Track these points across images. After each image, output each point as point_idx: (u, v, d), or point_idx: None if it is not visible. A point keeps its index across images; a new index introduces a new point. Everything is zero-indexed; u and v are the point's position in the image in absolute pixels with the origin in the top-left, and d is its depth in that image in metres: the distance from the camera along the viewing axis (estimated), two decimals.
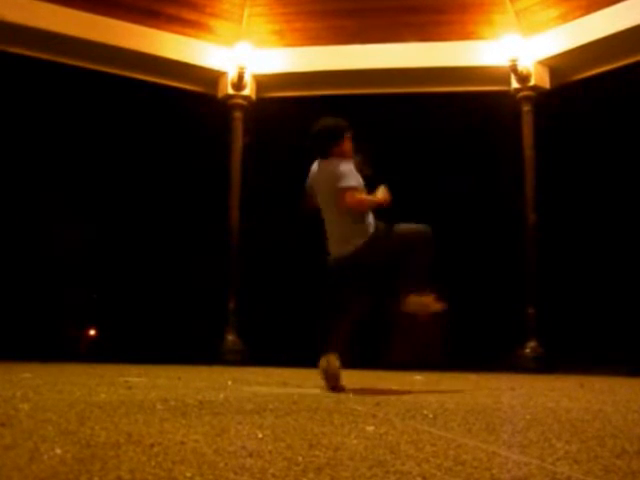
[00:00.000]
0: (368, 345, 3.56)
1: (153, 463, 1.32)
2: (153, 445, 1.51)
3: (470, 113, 8.29)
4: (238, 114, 8.26)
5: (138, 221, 9.46)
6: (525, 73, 7.80)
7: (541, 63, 7.88)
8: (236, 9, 8.11)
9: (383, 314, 3.75)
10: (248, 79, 8.19)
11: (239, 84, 8.15)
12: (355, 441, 1.66)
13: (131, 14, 7.72)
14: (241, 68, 8.02)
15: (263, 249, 8.58)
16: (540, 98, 7.92)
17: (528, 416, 2.30)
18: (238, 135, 8.21)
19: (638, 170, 7.60)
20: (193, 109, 8.60)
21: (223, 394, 3.07)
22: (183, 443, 1.56)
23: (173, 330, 8.75)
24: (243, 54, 8.01)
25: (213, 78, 8.34)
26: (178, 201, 9.25)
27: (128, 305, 9.36)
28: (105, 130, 9.25)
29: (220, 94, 8.34)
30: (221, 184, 8.13)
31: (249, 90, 8.26)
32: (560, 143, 8.05)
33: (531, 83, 7.84)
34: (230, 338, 7.74)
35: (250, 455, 1.44)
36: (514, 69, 7.76)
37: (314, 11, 8.13)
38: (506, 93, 8.00)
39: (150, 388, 3.37)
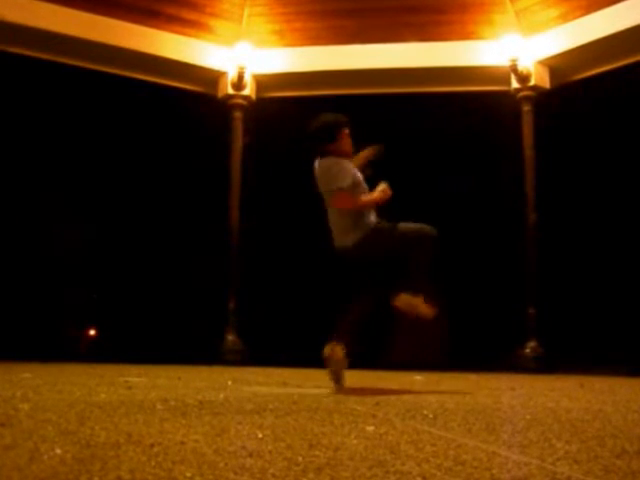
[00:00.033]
0: (368, 345, 3.54)
1: (153, 463, 1.32)
2: (153, 445, 1.51)
3: (470, 113, 8.28)
4: (238, 114, 8.26)
5: (138, 221, 9.45)
6: (525, 73, 7.80)
7: (541, 63, 7.88)
8: (236, 9, 8.12)
9: (383, 314, 3.72)
10: (248, 79, 8.20)
11: (239, 84, 8.15)
12: (355, 441, 1.66)
13: (131, 14, 7.73)
14: (241, 68, 8.02)
15: (263, 249, 8.58)
16: (540, 98, 7.93)
17: (528, 416, 2.30)
18: (238, 135, 8.22)
19: (638, 170, 7.59)
20: (193, 109, 8.60)
21: (223, 394, 3.07)
22: (183, 443, 1.56)
23: (173, 330, 8.74)
24: (243, 54, 8.02)
25: (213, 78, 8.34)
26: (178, 201, 9.25)
27: (128, 305, 9.36)
28: (105, 130, 9.24)
29: (220, 94, 8.35)
30: (221, 184, 8.13)
31: (249, 90, 8.26)
32: (560, 143, 8.04)
33: (531, 83, 7.85)
34: (230, 338, 7.74)
35: (250, 455, 1.44)
36: (514, 69, 7.76)
37: (314, 11, 8.13)
38: (506, 93, 8.00)
39: (150, 388, 3.37)
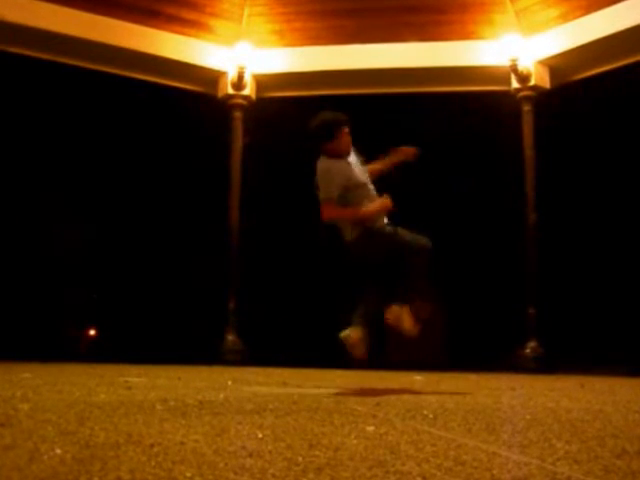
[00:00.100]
0: (368, 345, 3.53)
1: (153, 463, 1.32)
2: (153, 445, 1.51)
3: (470, 113, 8.28)
4: (238, 114, 8.26)
5: (138, 221, 9.45)
6: (525, 73, 7.80)
7: (541, 63, 7.88)
8: (236, 9, 8.12)
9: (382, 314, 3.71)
10: (248, 79, 8.19)
11: (239, 84, 8.14)
12: (355, 441, 1.66)
13: (131, 14, 7.73)
14: (241, 68, 8.02)
15: (263, 249, 8.58)
16: (540, 98, 7.92)
17: (528, 416, 2.30)
18: (238, 135, 8.21)
19: (638, 170, 7.60)
20: (193, 109, 8.60)
21: (223, 394, 3.07)
22: (183, 443, 1.56)
23: (173, 330, 8.74)
24: (243, 54, 8.01)
25: (213, 78, 8.34)
26: (178, 201, 9.25)
27: (128, 305, 9.36)
28: (105, 130, 9.25)
29: (220, 94, 8.34)
30: (221, 184, 8.13)
31: (249, 90, 8.26)
32: (560, 143, 8.05)
33: (531, 83, 7.85)
34: (230, 338, 7.74)
35: (250, 455, 1.43)
36: (514, 69, 7.76)
37: (314, 11, 8.13)
38: (506, 93, 8.00)
39: (150, 388, 3.37)
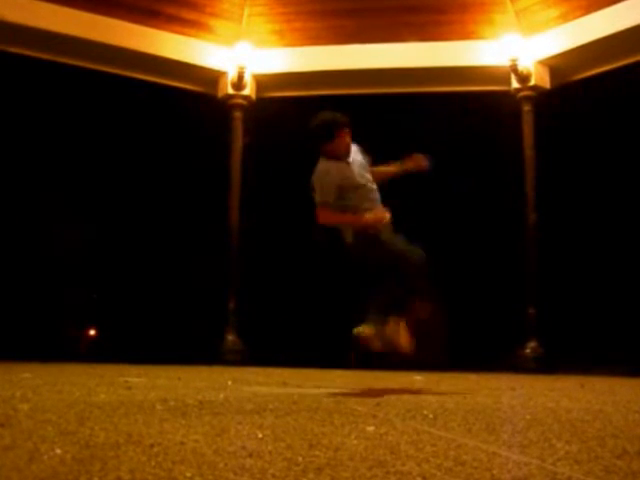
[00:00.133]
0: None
1: (153, 463, 1.32)
2: (153, 445, 1.51)
3: (470, 113, 8.28)
4: (238, 114, 8.26)
5: (138, 221, 9.45)
6: (525, 73, 7.80)
7: (541, 63, 7.88)
8: (236, 9, 8.11)
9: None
10: (248, 79, 8.19)
11: (239, 84, 8.14)
12: (355, 441, 1.65)
13: (131, 14, 7.73)
14: (241, 68, 8.02)
15: (263, 249, 8.57)
16: (540, 98, 7.92)
17: (528, 416, 2.30)
18: (238, 135, 8.21)
19: (638, 170, 7.59)
20: (193, 109, 8.59)
21: (223, 394, 3.07)
22: (183, 443, 1.55)
23: (173, 330, 8.74)
24: (243, 54, 8.01)
25: (213, 78, 8.34)
26: (178, 201, 9.24)
27: (128, 305, 9.36)
28: (105, 130, 9.24)
29: (220, 94, 8.34)
30: (221, 184, 8.12)
31: (249, 90, 8.26)
32: (560, 143, 8.04)
33: (531, 83, 7.85)
34: (230, 338, 7.74)
35: (250, 455, 1.43)
36: (514, 69, 7.76)
37: (314, 11, 8.13)
38: (506, 93, 8.00)
39: (150, 388, 3.36)
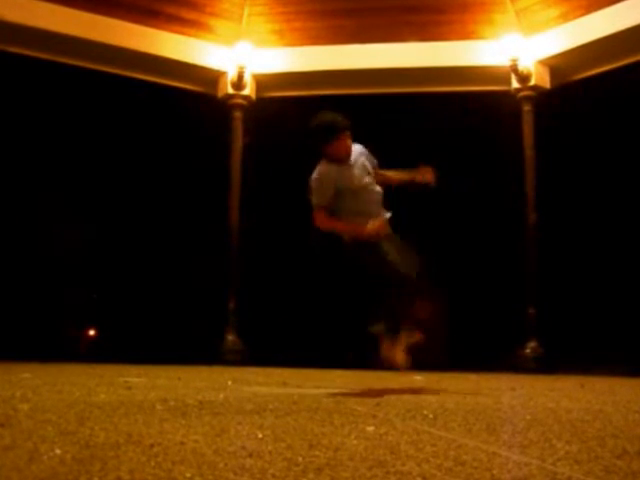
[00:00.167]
0: (367, 346, 3.52)
1: (153, 463, 1.32)
2: (153, 445, 1.51)
3: (470, 113, 8.28)
4: (238, 114, 8.26)
5: (138, 221, 9.45)
6: (525, 73, 7.80)
7: (541, 63, 7.88)
8: (236, 8, 8.11)
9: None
10: (248, 79, 8.19)
11: (239, 84, 8.14)
12: (355, 441, 1.65)
13: (131, 14, 7.72)
14: (241, 68, 8.01)
15: (263, 249, 8.57)
16: (540, 98, 7.92)
17: (528, 416, 2.29)
18: (238, 135, 8.21)
19: (638, 170, 7.59)
20: (193, 109, 8.59)
21: (223, 394, 3.07)
22: (183, 443, 1.55)
23: (173, 330, 8.74)
24: (243, 54, 8.01)
25: (213, 78, 8.34)
26: (178, 201, 9.25)
27: (128, 305, 9.36)
28: (105, 130, 9.24)
29: (220, 94, 8.34)
30: (221, 184, 8.12)
31: (249, 90, 8.26)
32: (560, 143, 8.04)
33: (531, 83, 7.84)
34: (230, 338, 7.73)
35: (250, 455, 1.43)
36: (514, 69, 7.76)
37: (314, 11, 8.13)
38: (506, 93, 7.99)
39: (150, 388, 3.36)
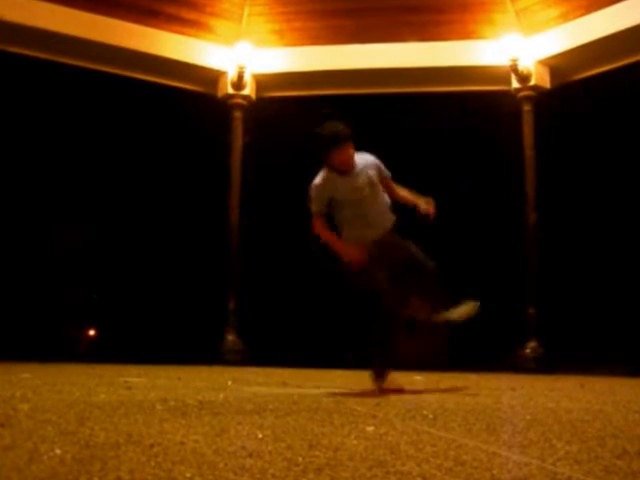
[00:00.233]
0: (368, 345, 3.52)
1: (153, 463, 1.32)
2: (153, 445, 1.51)
3: (470, 113, 8.28)
4: (238, 114, 8.25)
5: (138, 221, 9.45)
6: (525, 73, 7.79)
7: (542, 63, 7.87)
8: (236, 8, 8.11)
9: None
10: (248, 79, 8.19)
11: (239, 84, 8.14)
12: (355, 441, 1.65)
13: (131, 14, 7.72)
14: (241, 68, 8.01)
15: (263, 249, 8.57)
16: (540, 98, 7.91)
17: (528, 416, 2.29)
18: (238, 135, 8.21)
19: (638, 170, 7.59)
20: (193, 109, 8.59)
21: (223, 394, 3.07)
22: (183, 443, 1.55)
23: (173, 330, 8.74)
24: (243, 54, 8.01)
25: (213, 78, 8.33)
26: (178, 201, 9.25)
27: (128, 305, 9.36)
28: (105, 130, 9.25)
29: (220, 94, 8.34)
30: (221, 184, 8.12)
31: (249, 90, 8.25)
32: (560, 143, 8.04)
33: (531, 83, 7.84)
34: (230, 338, 7.73)
35: (250, 455, 1.43)
36: (514, 69, 7.75)
37: (314, 11, 8.12)
38: (506, 93, 7.99)
39: (150, 388, 3.36)
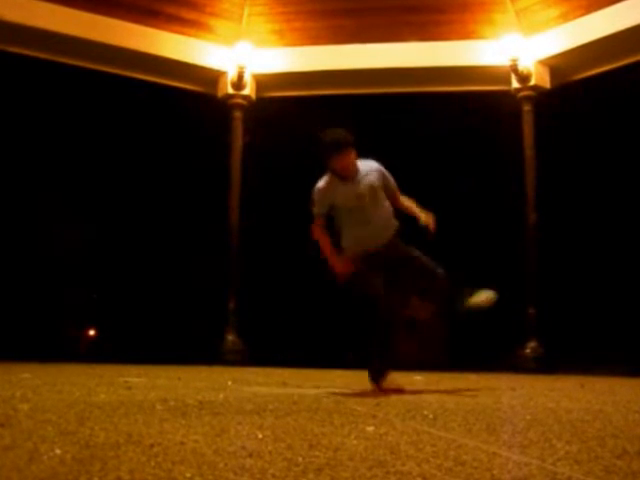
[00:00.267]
0: (366, 347, 3.53)
1: (153, 463, 1.32)
2: (153, 445, 1.51)
3: (470, 113, 8.28)
4: (238, 114, 8.25)
5: (138, 221, 9.46)
6: (525, 73, 7.79)
7: (542, 63, 7.87)
8: (236, 8, 8.11)
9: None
10: (248, 79, 8.19)
11: (239, 84, 8.14)
12: (355, 441, 1.65)
13: (131, 14, 7.72)
14: (241, 68, 8.01)
15: (263, 249, 8.58)
16: (540, 98, 7.91)
17: (528, 416, 2.29)
18: (238, 135, 8.21)
19: (638, 170, 7.59)
20: (193, 109, 8.60)
21: (223, 394, 3.07)
22: (183, 443, 1.55)
23: (173, 330, 8.74)
24: (243, 54, 8.01)
25: (213, 78, 8.33)
26: (178, 201, 9.25)
27: (128, 305, 9.37)
28: (105, 130, 9.25)
29: (220, 94, 8.34)
30: (221, 184, 8.13)
31: (249, 90, 8.25)
32: (560, 143, 8.04)
33: (531, 83, 7.84)
34: (230, 338, 7.73)
35: (250, 455, 1.43)
36: (514, 69, 7.75)
37: (314, 11, 8.12)
38: (506, 93, 7.99)
39: (150, 388, 3.36)
